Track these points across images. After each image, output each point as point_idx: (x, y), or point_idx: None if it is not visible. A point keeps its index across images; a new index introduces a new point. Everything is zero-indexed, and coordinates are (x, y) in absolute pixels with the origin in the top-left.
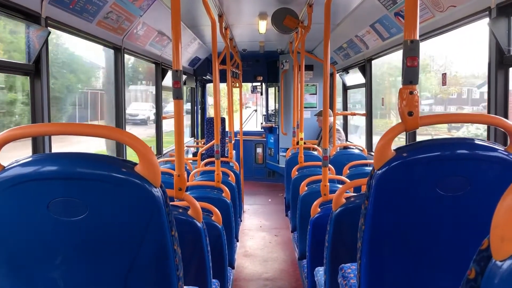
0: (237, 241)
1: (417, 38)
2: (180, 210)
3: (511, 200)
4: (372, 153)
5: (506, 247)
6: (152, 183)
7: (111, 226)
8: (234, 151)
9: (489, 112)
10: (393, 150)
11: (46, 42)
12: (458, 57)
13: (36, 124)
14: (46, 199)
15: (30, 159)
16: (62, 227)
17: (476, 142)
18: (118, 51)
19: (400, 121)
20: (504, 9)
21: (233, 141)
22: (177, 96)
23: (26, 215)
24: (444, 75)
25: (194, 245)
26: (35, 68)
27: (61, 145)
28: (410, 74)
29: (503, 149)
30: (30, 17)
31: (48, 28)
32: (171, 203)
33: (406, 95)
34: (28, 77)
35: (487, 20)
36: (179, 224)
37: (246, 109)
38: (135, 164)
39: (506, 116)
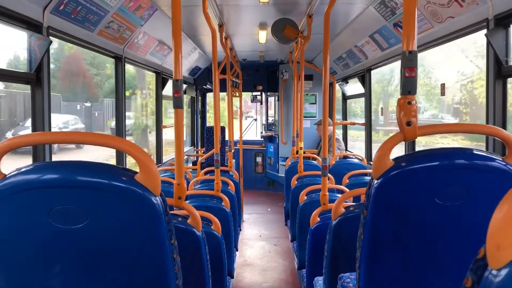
0: (237, 250)
1: (415, 49)
2: (180, 219)
3: (507, 208)
4: (372, 163)
5: (502, 256)
6: (152, 192)
7: (111, 234)
8: (234, 160)
9: (487, 122)
10: (392, 159)
11: (47, 51)
12: None
13: (37, 133)
14: (46, 207)
15: (31, 167)
16: (62, 235)
17: (474, 152)
18: (119, 60)
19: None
20: (502, 20)
21: (232, 150)
22: (178, 105)
23: (27, 223)
24: (442, 85)
25: (193, 254)
26: (36, 77)
27: None
28: (408, 84)
29: (501, 159)
30: (32, 26)
31: (50, 37)
32: (170, 211)
33: (404, 105)
34: (30, 86)
35: (485, 31)
36: (178, 233)
37: (247, 119)
38: (136, 172)
39: (504, 126)
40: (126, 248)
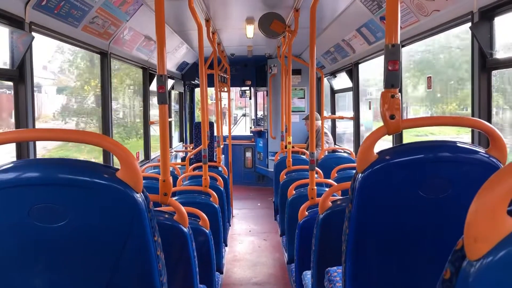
0: (226, 246)
1: (398, 42)
2: (166, 216)
3: (484, 200)
4: None
5: (479, 247)
6: (133, 188)
7: (93, 232)
8: (223, 156)
9: (472, 115)
10: (376, 153)
11: (30, 47)
12: None
13: (19, 130)
14: (27, 205)
15: (11, 165)
16: (43, 233)
17: (458, 144)
18: (105, 56)
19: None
20: (486, 13)
21: (221, 146)
22: (162, 101)
23: (7, 222)
24: (429, 78)
25: (180, 250)
26: (19, 73)
27: None
28: (392, 77)
29: (484, 152)
30: (14, 22)
31: (32, 33)
32: (158, 208)
33: (387, 99)
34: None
35: (469, 24)
36: (165, 230)
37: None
38: (117, 169)
39: (489, 119)
40: (108, 245)
